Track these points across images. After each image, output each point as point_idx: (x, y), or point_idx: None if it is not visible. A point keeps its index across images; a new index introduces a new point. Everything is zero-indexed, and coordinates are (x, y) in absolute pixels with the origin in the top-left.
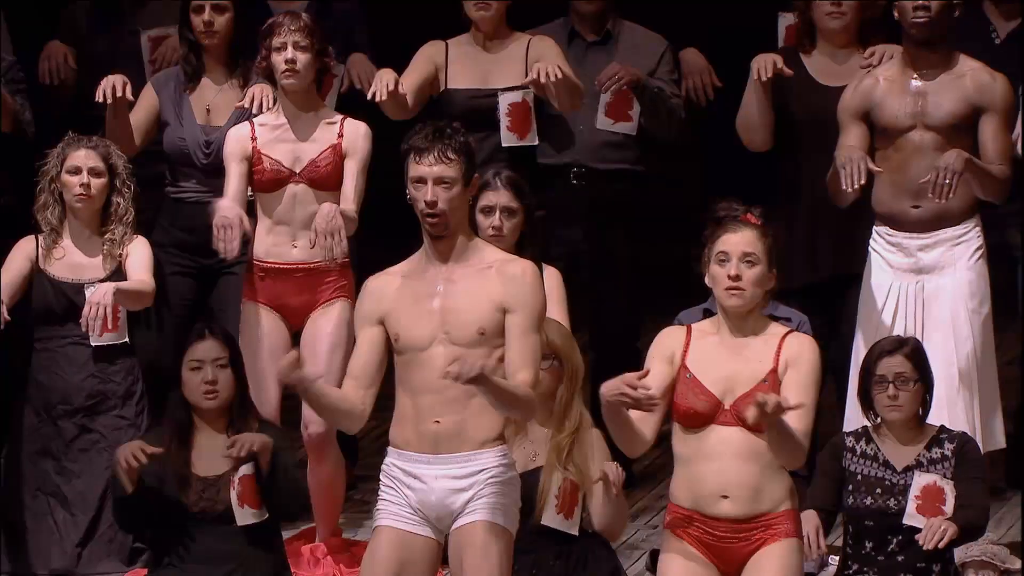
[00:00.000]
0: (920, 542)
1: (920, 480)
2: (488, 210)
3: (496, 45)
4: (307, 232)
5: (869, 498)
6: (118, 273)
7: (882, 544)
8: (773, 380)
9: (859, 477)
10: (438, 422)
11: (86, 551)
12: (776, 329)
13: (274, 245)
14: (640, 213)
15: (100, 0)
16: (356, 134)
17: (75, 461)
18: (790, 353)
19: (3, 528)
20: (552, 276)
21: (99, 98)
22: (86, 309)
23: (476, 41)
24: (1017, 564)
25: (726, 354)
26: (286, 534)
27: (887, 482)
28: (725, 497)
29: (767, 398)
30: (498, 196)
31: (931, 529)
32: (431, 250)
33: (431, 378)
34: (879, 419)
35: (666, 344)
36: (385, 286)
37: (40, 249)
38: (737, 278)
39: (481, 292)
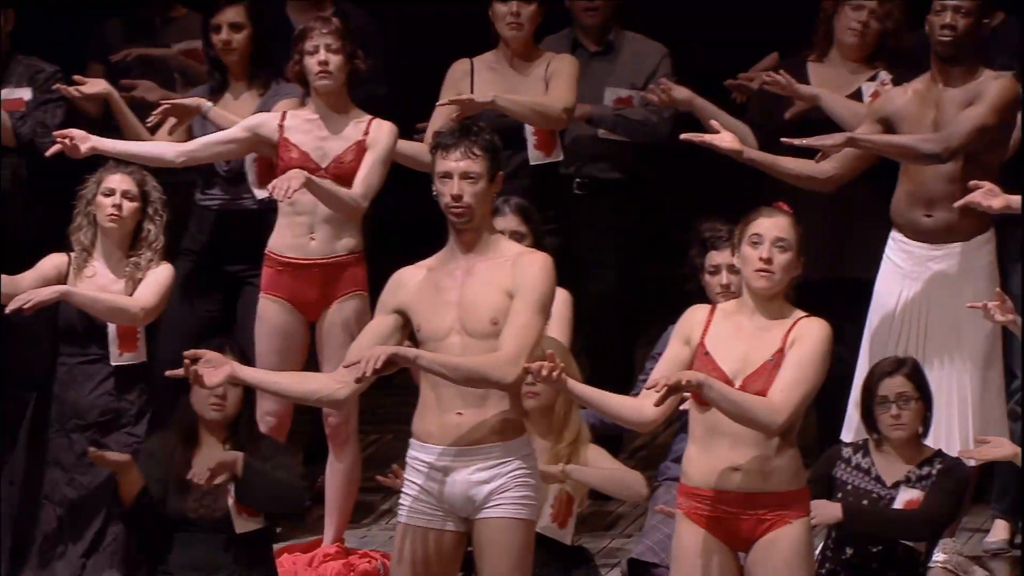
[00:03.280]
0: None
1: (904, 495)
2: None
3: (522, 64)
4: (326, 226)
5: None
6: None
7: (862, 552)
8: (779, 359)
9: (848, 487)
10: (460, 414)
11: (90, 561)
12: (797, 314)
13: (293, 237)
14: (637, 223)
15: (131, 16)
16: (380, 131)
17: (84, 474)
18: (798, 332)
19: (10, 535)
20: (560, 298)
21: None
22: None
23: (503, 58)
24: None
25: (745, 335)
26: (289, 543)
27: (874, 495)
28: (736, 470)
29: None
30: (506, 221)
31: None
32: (456, 243)
33: None
34: (879, 437)
35: (685, 325)
36: (409, 278)
37: (70, 267)
38: (768, 261)
39: (495, 283)
